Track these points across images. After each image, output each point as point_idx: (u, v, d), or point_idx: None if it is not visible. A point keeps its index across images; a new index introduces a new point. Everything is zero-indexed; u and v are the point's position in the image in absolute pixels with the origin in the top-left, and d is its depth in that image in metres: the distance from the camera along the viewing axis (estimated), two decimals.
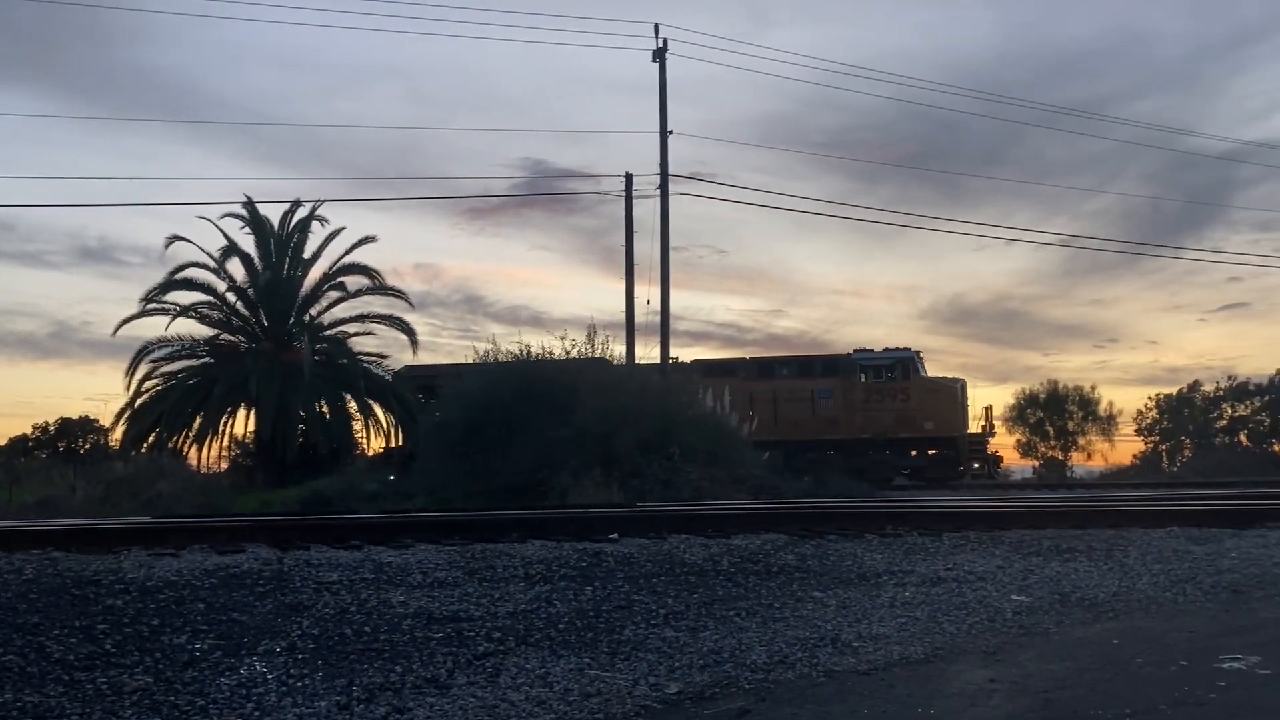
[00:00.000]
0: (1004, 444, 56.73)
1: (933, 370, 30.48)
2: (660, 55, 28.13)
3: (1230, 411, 60.73)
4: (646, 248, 27.90)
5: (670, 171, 27.38)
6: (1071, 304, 76.71)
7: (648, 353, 27.31)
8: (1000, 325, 76.60)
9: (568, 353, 22.90)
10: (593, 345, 23.38)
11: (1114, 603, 7.40)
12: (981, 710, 4.78)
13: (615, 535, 9.90)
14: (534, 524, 10.56)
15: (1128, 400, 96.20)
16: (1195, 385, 61.96)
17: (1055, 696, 4.97)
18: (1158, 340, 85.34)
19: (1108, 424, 48.12)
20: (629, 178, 27.74)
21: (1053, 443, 47.89)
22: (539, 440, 20.00)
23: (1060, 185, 77.53)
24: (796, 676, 5.53)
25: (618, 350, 25.34)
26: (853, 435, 29.19)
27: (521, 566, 8.25)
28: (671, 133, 27.60)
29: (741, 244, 77.11)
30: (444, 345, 70.13)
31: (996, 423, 33.04)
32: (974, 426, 29.98)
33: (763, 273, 74.48)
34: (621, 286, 27.93)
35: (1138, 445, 63.10)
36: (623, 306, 28.05)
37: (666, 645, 6.13)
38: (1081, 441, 47.81)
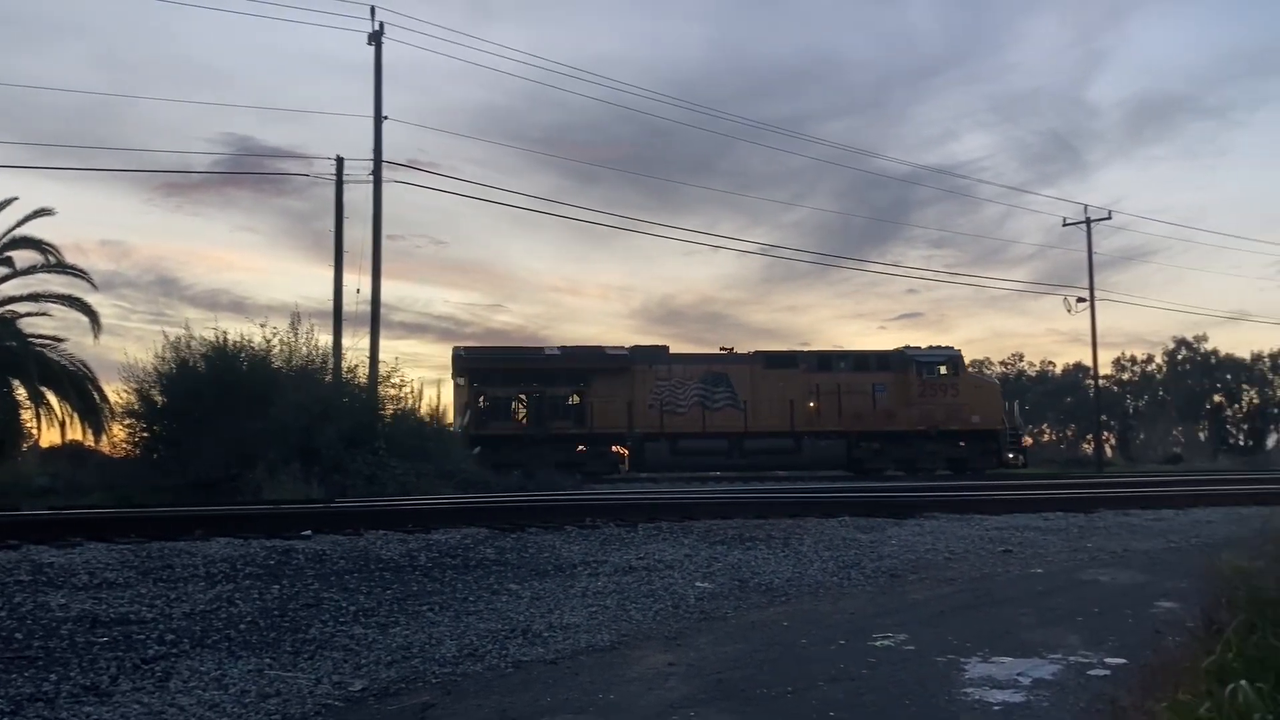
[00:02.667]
0: None
1: None
2: (376, 38, 27.40)
3: None
4: (360, 234, 27.08)
5: (386, 158, 26.67)
6: (769, 309, 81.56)
7: (355, 343, 26.43)
8: (705, 326, 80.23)
9: (268, 341, 21.84)
10: (296, 334, 22.40)
11: (788, 587, 7.93)
12: (659, 693, 4.99)
13: (309, 532, 9.59)
14: (221, 521, 10.02)
15: None
16: None
17: (727, 677, 5.27)
18: (843, 345, 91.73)
19: None
20: (340, 161, 26.83)
21: None
22: (234, 433, 19.00)
23: (762, 197, 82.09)
24: (485, 668, 5.56)
25: (324, 340, 24.42)
26: (909, 427, 30.32)
27: (203, 565, 7.82)
28: (387, 118, 26.94)
29: (460, 236, 76.38)
30: (133, 329, 65.07)
31: None
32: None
33: (481, 266, 74.22)
34: (332, 273, 26.98)
35: None
36: (332, 294, 27.06)
37: (355, 642, 6.00)
38: None
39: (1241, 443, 55.38)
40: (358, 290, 26.66)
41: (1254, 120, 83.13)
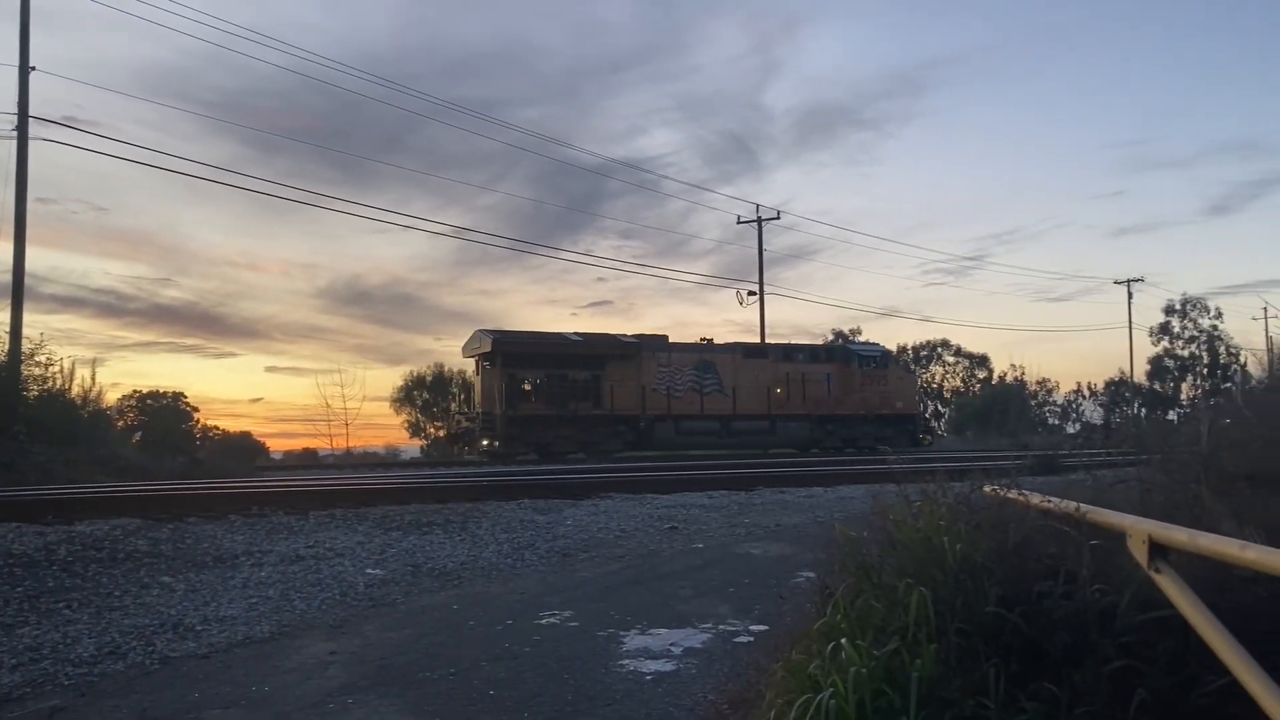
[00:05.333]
0: (393, 424, 58.36)
1: None
2: None
3: None
4: (1, 197, 24.34)
5: (34, 113, 24.07)
6: (462, 292, 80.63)
7: None
8: (395, 308, 78.08)
9: None
10: None
11: (461, 571, 7.96)
12: (317, 682, 4.88)
13: None
14: None
15: None
16: None
17: (390, 663, 5.23)
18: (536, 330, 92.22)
19: None
20: None
21: (438, 423, 49.96)
22: None
23: (455, 179, 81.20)
24: (127, 667, 5.21)
25: None
26: (853, 411, 34.88)
27: None
28: (34, 69, 24.30)
29: (124, 203, 69.26)
30: None
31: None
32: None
33: (148, 236, 68.07)
34: None
35: None
36: None
37: None
38: None
39: None
40: None
41: (904, 134, 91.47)
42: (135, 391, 36.68)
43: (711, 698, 4.40)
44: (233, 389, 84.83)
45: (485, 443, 29.02)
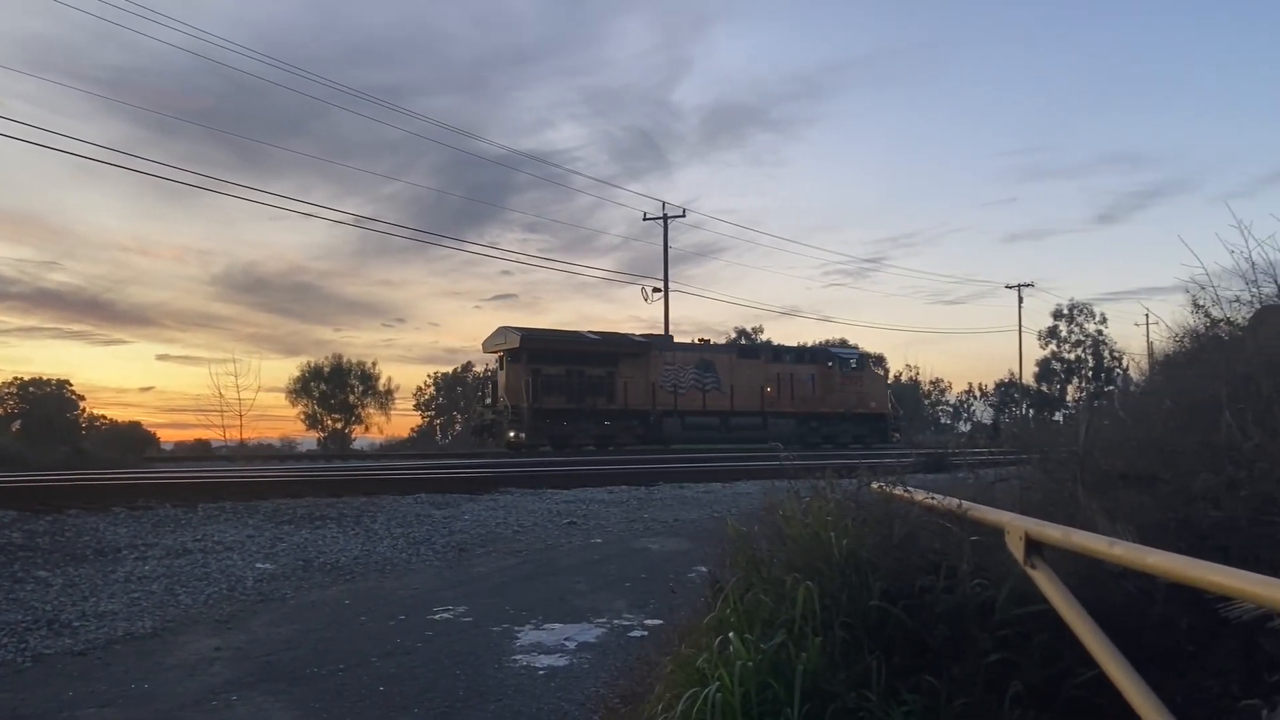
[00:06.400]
0: (289, 416, 57.16)
1: None
2: None
3: None
4: None
5: None
6: (363, 282, 79.29)
7: None
8: (293, 298, 76.27)
9: None
10: None
11: (354, 566, 7.82)
12: (201, 679, 4.74)
13: None
14: None
15: (409, 377, 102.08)
16: (468, 366, 68.05)
17: (278, 658, 5.11)
18: (439, 322, 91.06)
19: (386, 398, 50.71)
20: None
21: (336, 415, 49.03)
22: None
23: (357, 167, 79.45)
24: None
25: None
26: (833, 410, 37.48)
27: None
28: None
29: (6, 182, 66.33)
30: None
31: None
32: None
33: (33, 218, 65.17)
34: None
35: (415, 419, 67.77)
36: None
37: None
38: (362, 414, 49.57)
39: None
40: None
41: (808, 136, 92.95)
42: (16, 379, 35.42)
43: (603, 692, 4.41)
44: (122, 377, 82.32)
45: (512, 434, 29.95)
